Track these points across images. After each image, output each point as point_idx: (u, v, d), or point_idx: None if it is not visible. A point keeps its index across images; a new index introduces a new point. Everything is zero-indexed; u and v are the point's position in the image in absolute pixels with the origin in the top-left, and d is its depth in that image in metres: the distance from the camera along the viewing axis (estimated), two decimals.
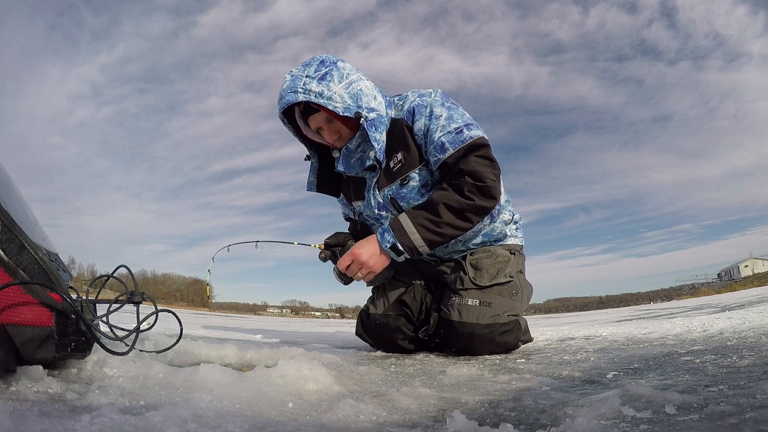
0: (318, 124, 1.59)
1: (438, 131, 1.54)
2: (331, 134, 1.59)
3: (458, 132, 1.52)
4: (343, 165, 1.64)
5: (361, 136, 1.59)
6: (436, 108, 1.57)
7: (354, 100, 1.51)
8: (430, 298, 1.74)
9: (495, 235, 1.72)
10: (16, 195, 0.92)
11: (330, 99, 1.47)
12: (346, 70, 1.53)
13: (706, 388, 0.74)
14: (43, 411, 0.60)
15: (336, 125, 1.58)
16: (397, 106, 1.67)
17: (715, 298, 7.43)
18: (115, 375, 0.85)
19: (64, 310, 0.79)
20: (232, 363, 1.27)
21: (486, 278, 1.63)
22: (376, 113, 1.55)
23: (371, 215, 1.74)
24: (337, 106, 1.48)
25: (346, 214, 2.01)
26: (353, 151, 1.62)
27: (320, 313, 63.27)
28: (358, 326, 1.86)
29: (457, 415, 0.62)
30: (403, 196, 1.63)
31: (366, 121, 1.51)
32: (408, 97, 1.65)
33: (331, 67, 1.51)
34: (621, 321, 3.48)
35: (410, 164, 1.60)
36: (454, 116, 1.56)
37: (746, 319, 1.98)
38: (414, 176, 1.61)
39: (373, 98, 1.56)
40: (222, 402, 0.69)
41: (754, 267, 42.91)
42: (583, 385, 0.92)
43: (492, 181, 1.49)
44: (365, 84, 1.57)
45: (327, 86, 1.48)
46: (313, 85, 1.47)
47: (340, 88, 1.49)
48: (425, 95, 1.62)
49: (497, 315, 1.57)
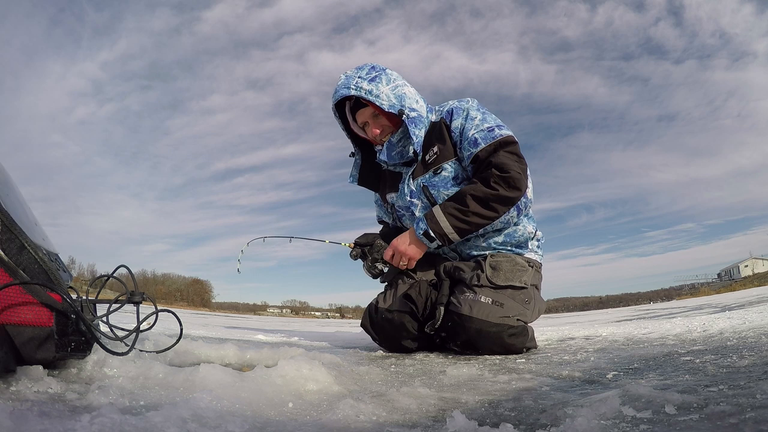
0: (365, 119, 1.82)
1: (472, 129, 1.72)
2: (375, 128, 1.81)
3: (490, 130, 1.70)
4: (385, 155, 1.83)
5: (402, 132, 1.79)
6: (472, 111, 1.78)
7: (398, 100, 1.75)
8: (435, 294, 1.76)
9: (517, 238, 1.78)
10: (16, 195, 0.92)
11: (377, 96, 1.71)
12: (393, 76, 1.79)
13: (706, 388, 0.74)
14: (43, 411, 0.60)
15: (381, 120, 1.80)
16: (437, 111, 1.88)
17: (715, 298, 7.44)
18: (115, 375, 0.85)
19: (64, 310, 0.79)
20: (232, 363, 1.27)
21: (502, 279, 1.67)
22: (417, 113, 1.77)
23: (403, 204, 1.89)
24: (383, 102, 1.72)
25: (380, 217, 2.17)
26: (395, 144, 1.82)
27: (320, 313, 63.29)
28: (365, 318, 1.90)
29: (457, 415, 0.62)
30: (435, 184, 1.78)
31: (408, 118, 1.73)
32: (448, 103, 1.88)
33: (380, 72, 1.77)
34: (621, 321, 3.48)
35: (444, 156, 1.78)
36: (487, 118, 1.75)
37: (746, 319, 1.98)
38: (447, 167, 1.77)
39: (415, 101, 1.80)
40: (222, 402, 0.69)
41: (754, 267, 42.91)
42: (583, 385, 0.92)
43: (517, 173, 1.61)
44: (409, 89, 1.81)
45: (376, 86, 1.72)
46: (364, 84, 1.72)
47: (387, 89, 1.74)
48: (463, 101, 1.84)
49: (507, 317, 1.58)
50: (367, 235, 1.96)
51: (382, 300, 1.85)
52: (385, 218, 2.12)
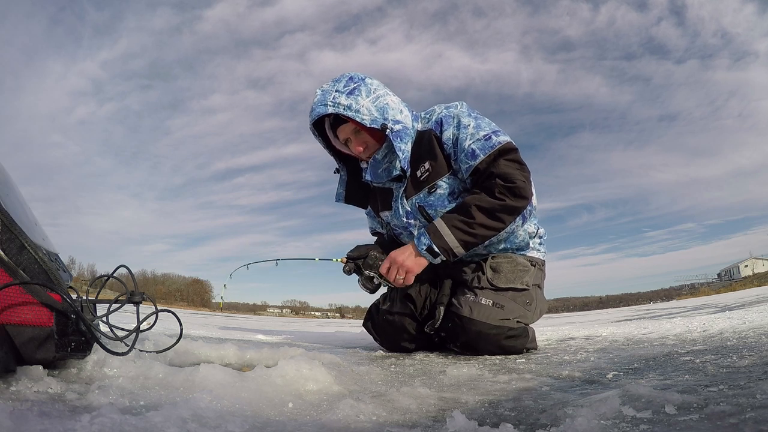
0: (346, 135, 1.69)
1: (468, 139, 1.60)
2: (358, 145, 1.69)
3: (487, 138, 1.59)
4: (370, 174, 1.73)
5: (387, 147, 1.67)
6: (464, 118, 1.65)
7: (380, 113, 1.61)
8: (435, 293, 1.76)
9: (517, 243, 1.74)
10: (16, 195, 0.92)
11: (358, 111, 1.58)
12: (374, 86, 1.65)
13: (706, 388, 0.74)
14: (43, 411, 0.60)
15: (363, 136, 1.67)
16: (424, 119, 1.75)
17: (715, 298, 7.43)
18: (115, 375, 0.85)
19: (64, 310, 0.79)
20: (232, 363, 1.27)
21: (503, 281, 1.64)
22: (402, 125, 1.64)
23: (399, 224, 1.80)
24: (364, 118, 1.59)
25: (373, 228, 2.07)
26: (380, 161, 1.70)
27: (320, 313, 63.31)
28: (367, 319, 1.90)
29: (457, 415, 0.62)
30: (431, 203, 1.68)
31: (392, 132, 1.60)
32: (435, 110, 1.74)
33: (359, 83, 1.62)
34: (621, 321, 3.48)
35: (438, 173, 1.66)
36: (482, 125, 1.63)
37: (746, 319, 1.98)
38: (442, 184, 1.66)
39: (399, 112, 1.66)
40: (222, 402, 0.69)
41: (754, 267, 42.91)
42: (583, 385, 0.92)
43: (522, 182, 1.54)
44: (392, 99, 1.67)
45: (355, 100, 1.59)
46: (342, 98, 1.58)
47: (368, 102, 1.60)
48: (451, 107, 1.71)
49: (507, 319, 1.58)
50: (359, 248, 1.82)
51: (384, 301, 1.84)
52: (380, 229, 2.02)
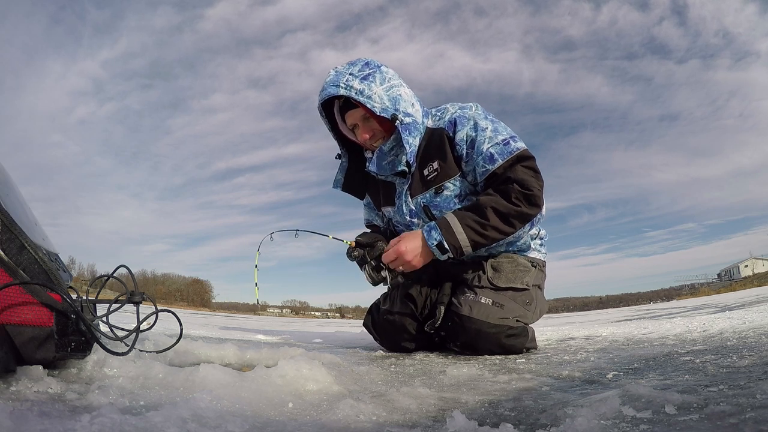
0: (354, 121, 1.66)
1: (486, 143, 1.58)
2: (365, 132, 1.65)
3: (505, 144, 1.57)
4: (375, 165, 1.69)
5: (395, 140, 1.64)
6: (481, 121, 1.62)
7: (392, 103, 1.58)
8: (435, 293, 1.76)
9: (519, 244, 1.74)
10: (16, 194, 0.92)
11: (369, 98, 1.55)
12: (389, 75, 1.62)
13: (706, 388, 0.74)
14: (43, 411, 0.60)
15: (371, 124, 1.64)
16: (435, 116, 1.72)
17: (715, 298, 7.44)
18: (115, 375, 0.85)
19: (64, 310, 0.79)
20: (232, 363, 1.27)
21: (503, 280, 1.65)
22: (412, 119, 1.62)
23: (402, 222, 1.79)
24: (375, 105, 1.55)
25: (369, 221, 2.04)
26: (386, 153, 1.67)
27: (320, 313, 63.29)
28: (367, 318, 1.90)
29: (457, 415, 0.62)
30: (437, 204, 1.67)
31: (401, 124, 1.58)
32: (448, 108, 1.70)
33: (374, 69, 1.60)
34: (621, 321, 3.48)
35: (446, 174, 1.64)
36: (499, 129, 1.61)
37: (746, 319, 1.98)
38: (450, 186, 1.65)
39: (410, 105, 1.63)
40: (222, 402, 0.69)
41: (754, 267, 42.91)
42: (583, 385, 0.92)
43: (538, 191, 1.54)
44: (405, 91, 1.64)
45: (368, 86, 1.55)
46: (356, 82, 1.55)
47: (381, 90, 1.57)
48: (466, 108, 1.67)
49: (506, 318, 1.58)
50: (369, 235, 1.80)
51: (384, 300, 1.84)
52: (377, 222, 2.00)
